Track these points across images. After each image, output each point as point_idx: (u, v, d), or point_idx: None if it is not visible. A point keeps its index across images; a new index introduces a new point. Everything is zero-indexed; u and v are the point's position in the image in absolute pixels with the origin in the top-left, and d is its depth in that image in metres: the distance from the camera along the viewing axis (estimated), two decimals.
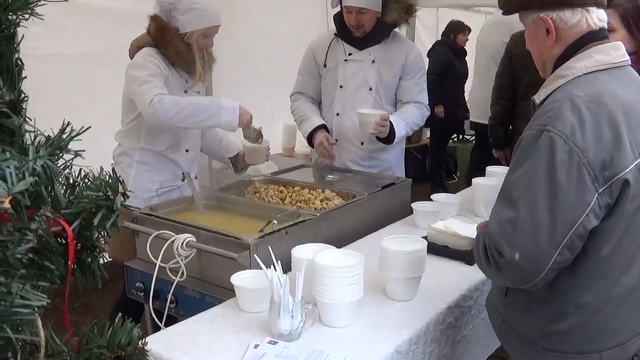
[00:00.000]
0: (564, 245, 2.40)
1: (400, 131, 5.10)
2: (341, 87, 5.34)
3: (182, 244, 3.51)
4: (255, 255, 3.13)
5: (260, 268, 3.03)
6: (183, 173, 4.70)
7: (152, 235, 3.61)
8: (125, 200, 1.16)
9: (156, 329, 3.55)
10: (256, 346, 2.78)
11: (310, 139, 5.39)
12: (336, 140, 5.35)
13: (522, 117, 6.74)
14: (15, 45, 1.15)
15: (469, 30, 11.02)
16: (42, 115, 1.25)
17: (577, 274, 2.53)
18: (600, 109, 2.45)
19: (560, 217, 2.38)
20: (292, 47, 7.19)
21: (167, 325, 3.36)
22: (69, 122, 1.21)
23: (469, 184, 5.20)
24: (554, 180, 2.39)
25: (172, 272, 3.54)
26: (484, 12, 12.86)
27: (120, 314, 1.34)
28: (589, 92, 2.49)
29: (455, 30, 10.93)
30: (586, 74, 2.58)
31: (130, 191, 1.17)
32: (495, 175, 4.84)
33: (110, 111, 5.59)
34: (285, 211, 3.97)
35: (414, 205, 4.36)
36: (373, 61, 5.24)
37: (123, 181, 1.15)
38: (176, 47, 4.52)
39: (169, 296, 3.64)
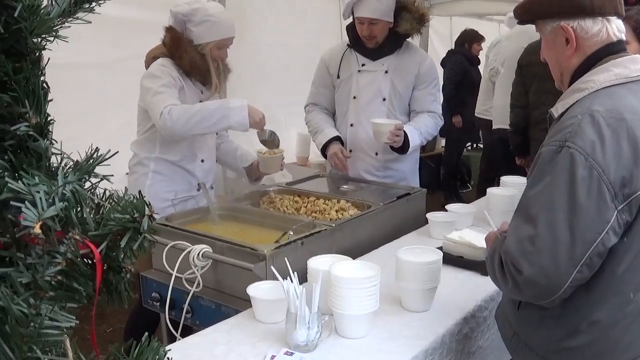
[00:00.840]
0: (583, 264, 2.37)
1: (415, 141, 5.11)
2: (355, 97, 5.34)
3: (198, 254, 3.52)
4: (272, 267, 3.13)
5: (276, 279, 3.04)
6: (199, 183, 4.71)
7: (168, 246, 3.62)
8: (152, 222, 1.17)
9: (172, 338, 3.57)
10: (273, 357, 2.79)
11: (324, 150, 5.39)
12: (350, 151, 5.36)
13: (534, 124, 6.82)
14: (41, 69, 1.17)
15: (484, 39, 11.02)
16: (56, 124, 1.26)
17: (591, 291, 2.51)
18: (620, 124, 2.42)
19: (580, 235, 2.36)
20: (306, 57, 7.19)
21: (182, 335, 3.38)
22: (97, 148, 1.23)
23: (481, 192, 5.21)
24: (574, 197, 2.37)
25: (188, 282, 3.55)
26: (496, 20, 12.88)
27: (147, 333, 1.36)
28: (609, 107, 2.46)
29: (471, 40, 10.92)
30: (604, 87, 2.54)
31: (156, 214, 1.19)
32: (510, 185, 4.84)
33: (124, 120, 5.61)
34: (301, 222, 3.97)
35: (429, 215, 4.36)
36: (386, 72, 5.25)
37: (150, 204, 1.16)
38: (191, 57, 4.55)
39: (185, 306, 3.65)
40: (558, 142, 2.46)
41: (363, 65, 5.31)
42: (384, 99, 5.27)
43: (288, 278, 2.95)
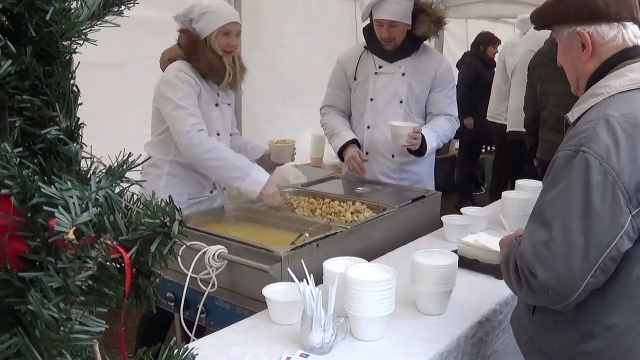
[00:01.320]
0: (597, 268, 2.37)
1: (432, 143, 5.10)
2: (372, 99, 5.33)
3: (214, 255, 3.52)
4: (288, 269, 3.13)
5: (291, 280, 3.04)
6: (214, 184, 4.72)
7: (184, 246, 3.63)
8: (182, 227, 1.17)
9: (186, 338, 3.57)
10: (288, 359, 2.80)
11: (341, 153, 5.38)
12: (367, 153, 5.35)
13: (542, 124, 6.97)
14: (71, 72, 1.17)
15: (499, 42, 10.99)
16: None
17: (605, 296, 2.49)
18: (636, 129, 2.41)
19: (594, 240, 2.35)
20: (321, 58, 7.20)
21: (196, 336, 3.38)
22: (130, 153, 1.23)
23: (494, 195, 5.21)
24: (588, 202, 2.36)
25: (203, 282, 3.55)
26: (511, 23, 12.85)
27: (174, 338, 1.36)
28: (624, 112, 2.45)
29: (486, 42, 10.89)
30: (620, 92, 2.53)
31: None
32: (525, 189, 4.83)
33: (139, 120, 5.61)
34: (316, 224, 3.97)
35: (444, 218, 4.36)
36: (403, 74, 5.23)
37: (180, 209, 1.16)
38: (208, 59, 4.56)
39: (200, 307, 3.65)
40: (573, 147, 2.46)
41: (380, 67, 5.30)
42: (401, 102, 5.26)
43: (304, 280, 2.95)
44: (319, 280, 3.12)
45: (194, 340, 3.16)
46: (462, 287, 3.41)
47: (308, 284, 2.92)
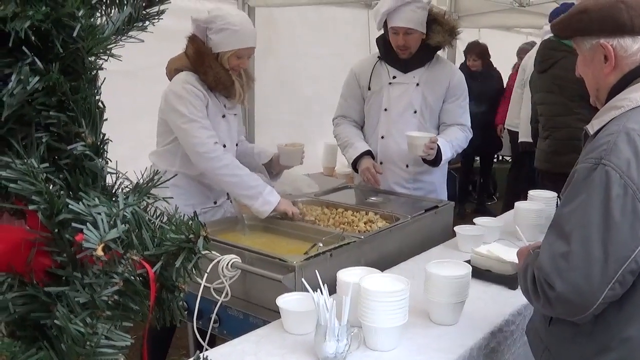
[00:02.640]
0: (616, 281, 2.36)
1: (447, 153, 5.12)
2: (386, 110, 5.32)
3: (227, 264, 3.52)
4: (302, 279, 3.14)
5: (305, 290, 3.05)
6: (227, 193, 4.73)
7: (197, 255, 3.63)
8: (207, 242, 1.18)
9: (198, 348, 3.58)
10: None
11: (355, 164, 5.39)
12: (381, 163, 5.34)
13: (538, 134, 6.96)
14: (97, 88, 1.18)
15: (480, 52, 10.76)
16: None
17: (623, 308, 2.48)
18: None
19: (613, 253, 2.35)
20: (333, 67, 7.21)
21: (208, 345, 3.39)
22: (157, 171, 1.24)
23: (508, 205, 5.20)
24: (608, 215, 2.35)
25: (216, 292, 3.56)
26: (524, 32, 12.85)
27: (198, 352, 1.37)
28: None
29: (467, 52, 10.73)
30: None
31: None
32: (538, 199, 4.83)
33: (151, 128, 5.62)
34: (330, 233, 3.98)
35: (457, 228, 4.36)
36: (418, 84, 5.23)
37: (204, 225, 1.17)
38: (216, 73, 4.50)
39: (213, 316, 3.65)
40: (593, 160, 2.45)
41: (394, 77, 5.30)
42: (415, 112, 5.25)
43: (318, 290, 2.95)
44: (332, 290, 3.12)
45: (207, 349, 3.16)
46: (475, 297, 3.41)
47: (322, 293, 2.93)
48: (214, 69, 4.47)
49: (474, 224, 4.48)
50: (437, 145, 5.01)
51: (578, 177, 2.51)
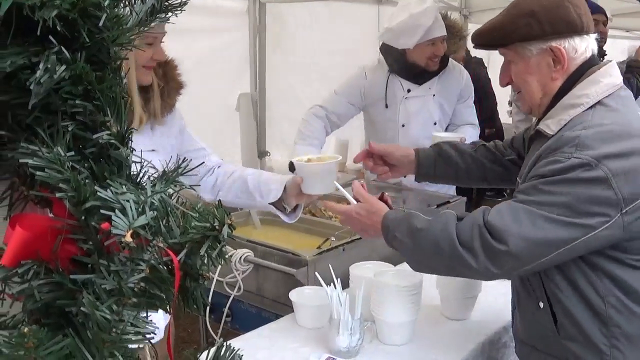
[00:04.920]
0: None
1: None
2: (403, 125, 5.20)
3: (240, 259, 3.53)
4: (316, 273, 3.15)
5: (318, 284, 3.06)
6: None
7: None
8: (232, 231, 1.19)
9: (209, 342, 3.59)
10: None
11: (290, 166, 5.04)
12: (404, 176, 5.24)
13: None
14: (122, 77, 1.19)
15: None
16: None
17: None
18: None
19: None
20: (343, 63, 7.18)
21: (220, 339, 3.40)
22: (184, 158, 1.25)
23: None
24: None
25: (228, 286, 3.57)
26: None
27: (220, 339, 1.38)
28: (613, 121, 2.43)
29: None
30: (599, 101, 2.49)
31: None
32: None
33: None
34: (343, 228, 3.98)
35: None
36: (434, 95, 5.16)
37: (229, 212, 1.18)
38: None
39: (225, 310, 3.66)
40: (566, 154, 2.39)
41: (409, 90, 5.16)
42: (435, 123, 5.19)
43: (331, 284, 2.96)
44: (345, 285, 3.13)
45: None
46: (487, 292, 3.41)
47: (335, 287, 2.94)
48: None
49: None
50: None
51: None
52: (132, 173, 1.18)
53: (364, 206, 2.93)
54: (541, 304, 2.57)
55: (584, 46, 2.55)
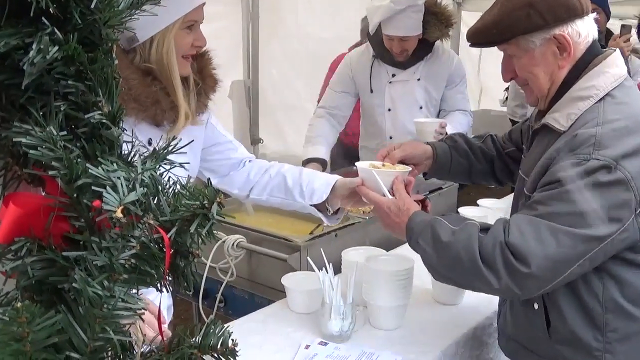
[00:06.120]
0: None
1: None
2: (390, 110, 5.24)
3: (233, 244, 3.55)
4: (308, 258, 3.17)
5: (310, 269, 3.08)
6: None
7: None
8: (221, 209, 1.21)
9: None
10: (307, 347, 2.83)
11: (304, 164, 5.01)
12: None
13: None
14: (113, 59, 1.21)
15: None
16: None
17: None
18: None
19: None
20: (337, 51, 7.19)
21: None
22: (174, 137, 1.27)
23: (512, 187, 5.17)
24: None
25: (221, 272, 3.58)
26: None
27: (211, 316, 1.39)
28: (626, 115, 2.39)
29: None
30: (607, 92, 2.43)
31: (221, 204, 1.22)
32: None
33: None
34: None
35: (461, 210, 4.37)
36: (419, 79, 5.15)
37: (219, 190, 1.20)
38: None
39: (218, 296, 3.68)
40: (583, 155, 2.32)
41: (394, 75, 5.18)
42: (421, 107, 5.19)
43: (323, 269, 2.98)
44: (337, 270, 3.15)
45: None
46: None
47: (327, 272, 2.95)
48: (131, 81, 2.52)
49: (478, 205, 4.50)
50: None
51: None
52: (123, 152, 1.20)
53: (396, 202, 2.76)
54: (536, 305, 2.54)
55: (586, 28, 2.46)
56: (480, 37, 2.59)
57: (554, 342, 2.53)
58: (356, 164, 3.00)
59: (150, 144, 2.61)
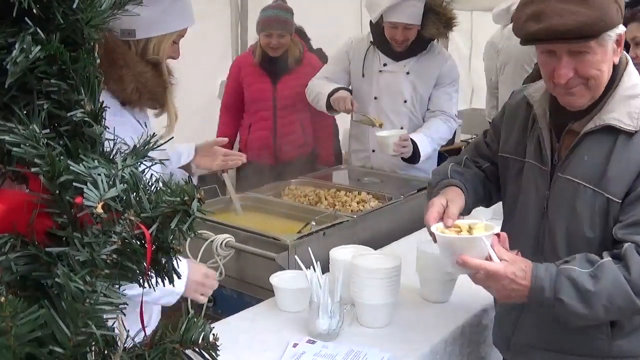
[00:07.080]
0: None
1: (426, 149, 5.05)
2: (376, 98, 5.27)
3: (221, 244, 3.56)
4: (296, 257, 3.18)
5: (298, 268, 3.09)
6: (222, 172, 4.49)
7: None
8: (201, 204, 1.22)
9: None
10: (295, 345, 2.84)
11: (331, 96, 5.19)
12: (373, 151, 5.29)
13: None
14: (95, 58, 1.23)
15: None
16: None
17: None
18: None
19: None
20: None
21: None
22: (154, 133, 1.28)
23: None
24: None
25: None
26: None
27: (193, 311, 1.41)
28: None
29: None
30: None
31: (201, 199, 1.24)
32: None
33: None
34: (323, 213, 4.01)
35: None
36: (407, 73, 5.18)
37: (199, 187, 1.22)
38: (139, 76, 2.78)
39: None
40: None
41: (385, 65, 5.23)
42: (405, 101, 5.21)
43: (311, 268, 2.99)
44: (325, 269, 3.16)
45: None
46: (466, 275, 3.43)
47: (315, 271, 2.97)
48: (134, 69, 2.72)
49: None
50: (413, 141, 4.95)
51: None
52: (105, 150, 1.22)
53: (520, 266, 2.45)
54: None
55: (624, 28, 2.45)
56: (587, 31, 2.30)
57: (613, 340, 2.56)
58: (436, 233, 2.67)
59: (146, 125, 2.89)
